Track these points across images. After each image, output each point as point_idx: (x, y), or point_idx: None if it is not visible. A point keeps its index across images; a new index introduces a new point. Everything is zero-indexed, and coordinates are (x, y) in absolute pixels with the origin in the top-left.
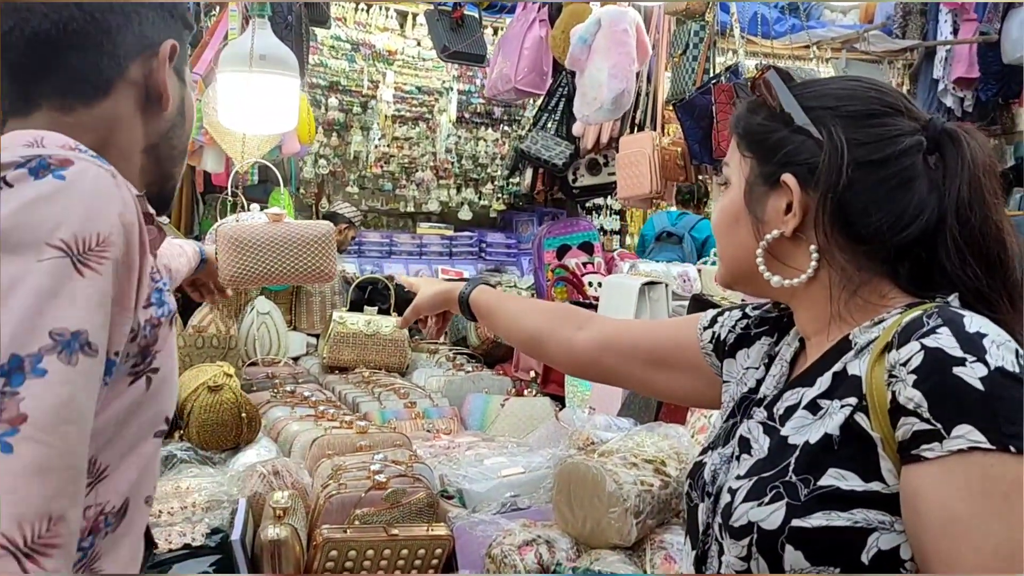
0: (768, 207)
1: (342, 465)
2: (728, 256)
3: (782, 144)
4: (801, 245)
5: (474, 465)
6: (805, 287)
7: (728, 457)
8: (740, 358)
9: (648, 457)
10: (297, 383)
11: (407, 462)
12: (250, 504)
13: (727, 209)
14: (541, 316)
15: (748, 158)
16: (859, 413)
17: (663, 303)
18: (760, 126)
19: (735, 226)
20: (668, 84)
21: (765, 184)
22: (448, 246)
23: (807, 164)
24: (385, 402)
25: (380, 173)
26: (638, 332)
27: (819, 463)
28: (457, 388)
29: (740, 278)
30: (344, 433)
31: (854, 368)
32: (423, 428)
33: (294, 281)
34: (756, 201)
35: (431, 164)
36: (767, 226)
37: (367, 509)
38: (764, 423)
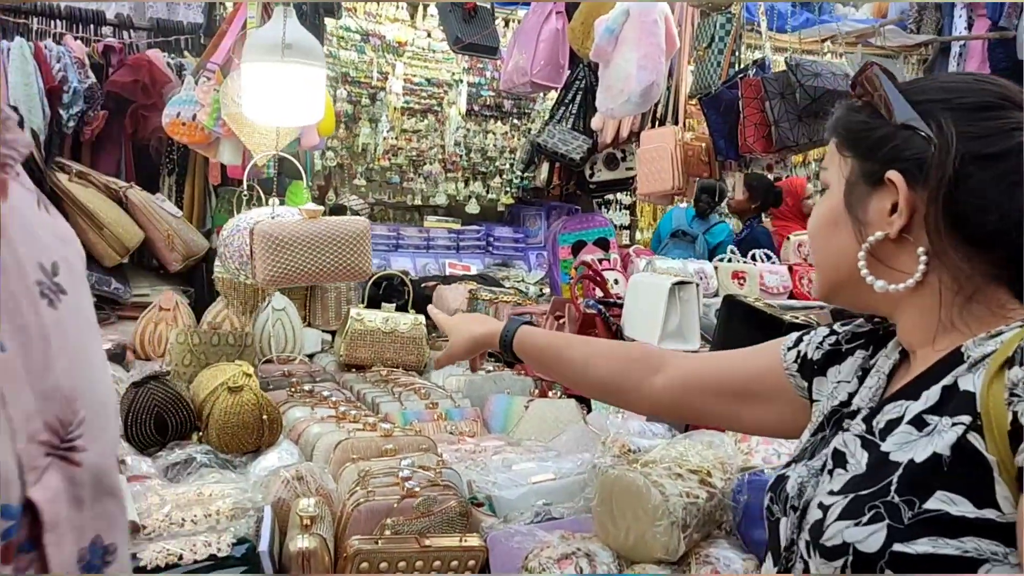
0: (871, 208)
1: (369, 471)
2: (827, 264)
3: (886, 140)
4: (907, 248)
5: (502, 471)
6: (911, 293)
7: (817, 470)
8: (831, 375)
9: (693, 467)
10: (315, 382)
11: (436, 467)
12: (274, 511)
13: (825, 214)
14: (612, 363)
15: (848, 158)
16: (973, 433)
17: (694, 303)
18: (862, 124)
19: (834, 231)
20: (691, 78)
21: (867, 183)
22: (455, 240)
23: (914, 160)
24: (406, 402)
25: (388, 166)
26: (716, 366)
27: (926, 484)
28: (478, 388)
29: (840, 288)
30: (368, 436)
31: (967, 383)
32: (446, 430)
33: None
34: (857, 202)
35: (439, 157)
36: (870, 228)
37: (398, 518)
38: (862, 436)
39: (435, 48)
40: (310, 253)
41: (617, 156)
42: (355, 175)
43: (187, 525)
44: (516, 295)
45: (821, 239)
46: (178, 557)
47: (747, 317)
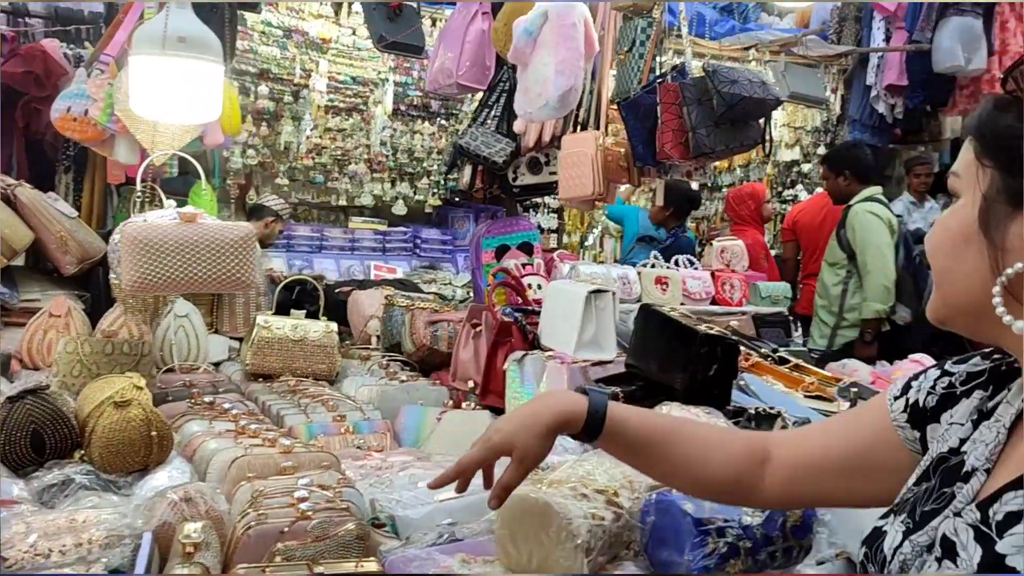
0: (1011, 232)
1: (263, 491)
2: (950, 288)
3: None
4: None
5: (408, 488)
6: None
7: (923, 549)
8: (944, 419)
9: (600, 487)
10: (217, 393)
11: (336, 486)
12: (157, 537)
13: (954, 229)
14: (718, 465)
15: (989, 168)
16: None
17: (610, 312)
18: (1011, 129)
19: (964, 250)
20: (613, 82)
21: (1010, 203)
22: (381, 242)
23: None
24: (312, 415)
25: (311, 165)
26: (823, 444)
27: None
28: (390, 399)
29: (961, 314)
30: (266, 453)
31: None
32: (353, 444)
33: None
34: (996, 223)
35: (365, 157)
36: (1008, 256)
37: (290, 543)
38: (976, 527)
39: (360, 46)
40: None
41: (540, 160)
42: (277, 174)
43: (54, 556)
44: (434, 301)
45: (946, 257)
46: None
47: (663, 326)
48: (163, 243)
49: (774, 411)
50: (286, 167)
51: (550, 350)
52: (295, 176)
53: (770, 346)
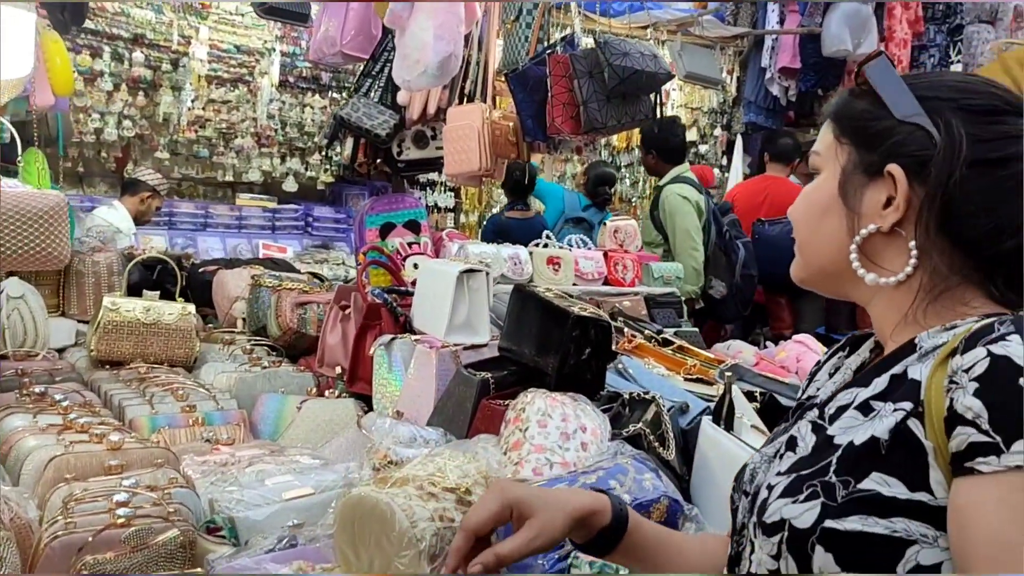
0: (865, 199)
1: (77, 495)
2: (812, 250)
3: (889, 133)
4: (895, 242)
5: (254, 486)
6: (888, 287)
7: (770, 456)
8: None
9: (450, 485)
10: (53, 382)
11: (166, 486)
12: None
13: (815, 199)
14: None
15: (846, 145)
16: (913, 419)
17: (483, 293)
18: (865, 113)
19: (823, 218)
20: (500, 53)
21: (865, 174)
22: (271, 219)
23: (916, 157)
24: (158, 406)
25: (195, 138)
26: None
27: (862, 466)
28: (250, 387)
29: (821, 274)
30: (90, 450)
31: (915, 372)
32: (202, 437)
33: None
34: (853, 192)
35: (252, 130)
36: (863, 219)
37: (101, 555)
38: (814, 422)
39: (244, 12)
40: None
41: (427, 134)
42: (157, 147)
43: None
44: (306, 282)
45: (808, 226)
46: None
47: (537, 308)
48: None
49: (648, 396)
50: (166, 140)
51: (422, 334)
52: (177, 150)
53: (655, 327)
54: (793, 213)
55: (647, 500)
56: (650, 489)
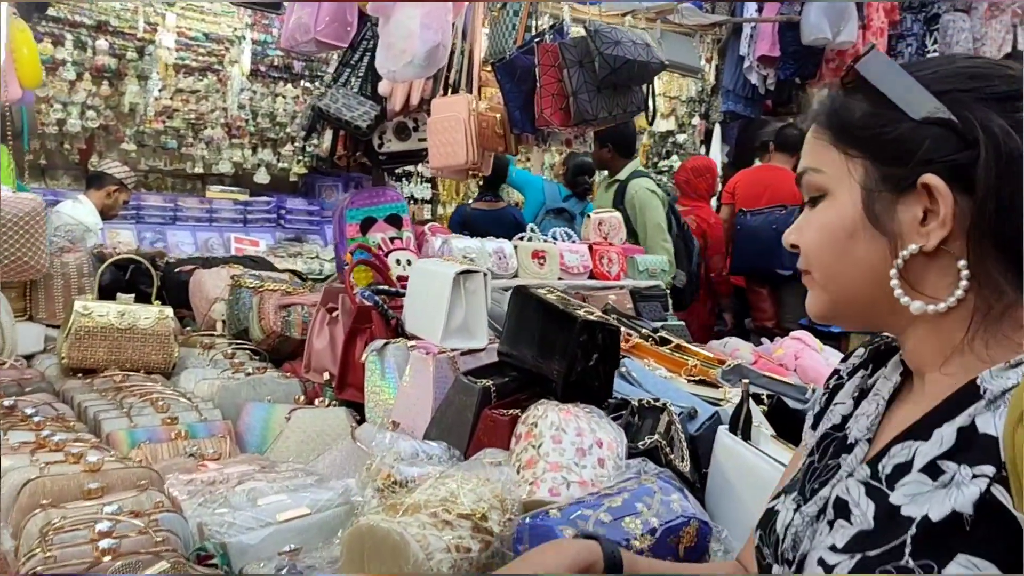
0: (899, 217)
1: (56, 523)
2: (840, 284)
3: (912, 139)
4: (937, 262)
5: (245, 507)
6: (936, 315)
7: (813, 518)
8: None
9: (465, 511)
10: (22, 393)
11: (151, 511)
12: None
13: (835, 226)
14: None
15: (859, 159)
16: (997, 486)
17: (481, 295)
18: (872, 118)
19: (850, 246)
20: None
21: (892, 189)
22: (242, 212)
23: (951, 161)
24: (137, 419)
25: (162, 129)
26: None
27: (945, 547)
28: (233, 395)
29: (851, 308)
30: (68, 472)
31: (987, 424)
32: (186, 452)
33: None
34: (883, 212)
35: (222, 121)
36: (902, 240)
37: None
38: (867, 483)
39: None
40: None
41: (408, 125)
42: (123, 138)
43: None
44: (288, 282)
45: (834, 254)
46: None
47: (539, 311)
48: None
49: (659, 403)
50: (133, 131)
51: (415, 338)
52: (144, 141)
53: (651, 325)
54: (808, 245)
55: (676, 523)
56: (678, 511)
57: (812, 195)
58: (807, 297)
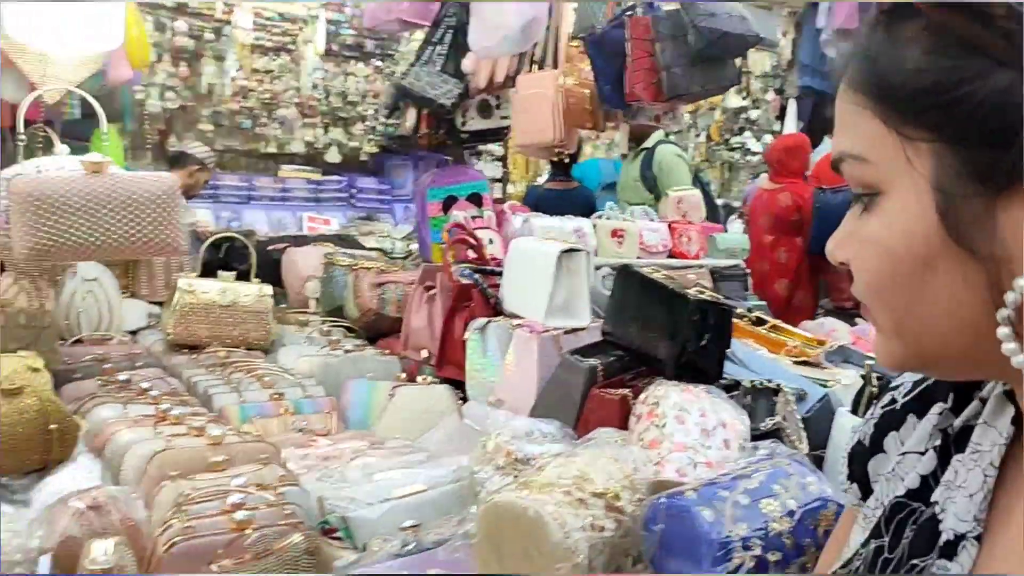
0: (1003, 229)
1: (189, 494)
2: (918, 327)
3: (1006, 100)
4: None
5: (362, 482)
6: None
7: None
8: (890, 446)
9: (598, 490)
10: (134, 368)
11: (276, 485)
12: (59, 558)
13: (897, 246)
14: None
15: (926, 143)
16: None
17: (583, 274)
18: (942, 71)
19: (927, 276)
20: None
21: (986, 189)
22: (315, 191)
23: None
24: (245, 393)
25: (238, 109)
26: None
27: None
28: (334, 372)
29: (941, 359)
30: (192, 444)
31: None
32: (294, 427)
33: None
34: (972, 221)
35: (295, 100)
36: (1009, 264)
37: (225, 562)
38: None
39: None
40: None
41: (491, 103)
42: (200, 119)
43: None
44: (380, 260)
45: (903, 292)
46: None
47: (648, 290)
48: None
49: (772, 384)
50: (210, 111)
51: (515, 316)
52: (220, 121)
53: (744, 305)
54: (862, 273)
55: (814, 506)
56: (816, 493)
57: (859, 191)
58: (875, 341)
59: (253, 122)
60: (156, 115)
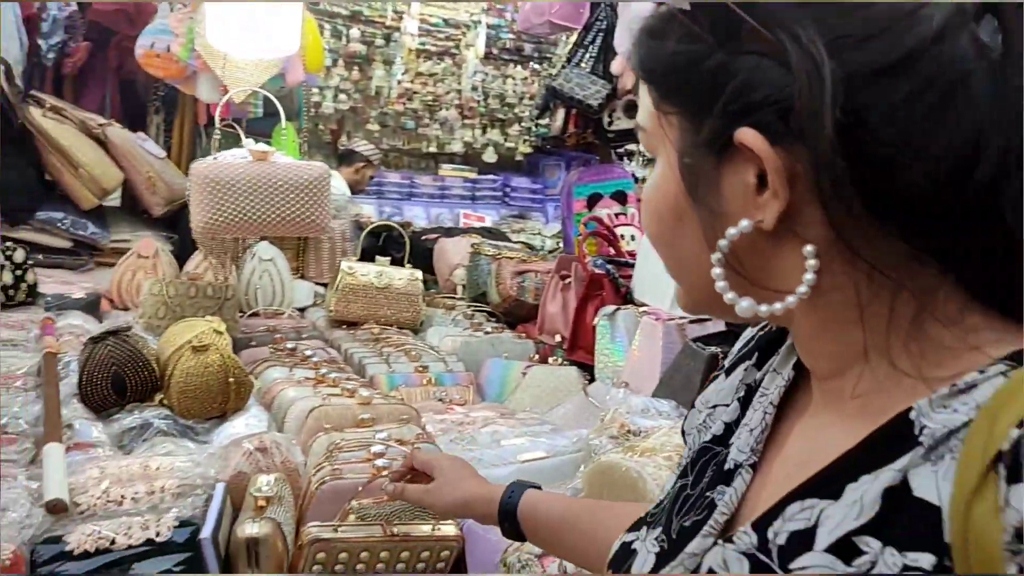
0: (725, 189)
1: (339, 443)
2: (680, 275)
3: (721, 78)
4: (789, 244)
5: (491, 446)
6: (813, 304)
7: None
8: (700, 403)
9: None
10: (300, 339)
11: (414, 441)
12: (231, 487)
13: (659, 204)
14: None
15: (672, 114)
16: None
17: None
18: (679, 56)
19: (678, 227)
20: None
21: (711, 152)
22: (471, 189)
23: (775, 103)
24: (394, 365)
25: (402, 110)
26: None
27: None
28: (475, 351)
29: (707, 304)
30: (344, 403)
31: (925, 487)
32: (435, 397)
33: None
34: (704, 182)
35: (456, 102)
36: (730, 219)
37: (364, 501)
38: (752, 556)
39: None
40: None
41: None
42: (368, 119)
43: (126, 503)
44: (522, 251)
45: (663, 238)
46: (110, 541)
47: None
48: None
49: None
50: (377, 112)
51: (644, 305)
52: (386, 122)
53: None
54: (644, 228)
55: None
56: None
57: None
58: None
59: (416, 123)
60: (329, 115)
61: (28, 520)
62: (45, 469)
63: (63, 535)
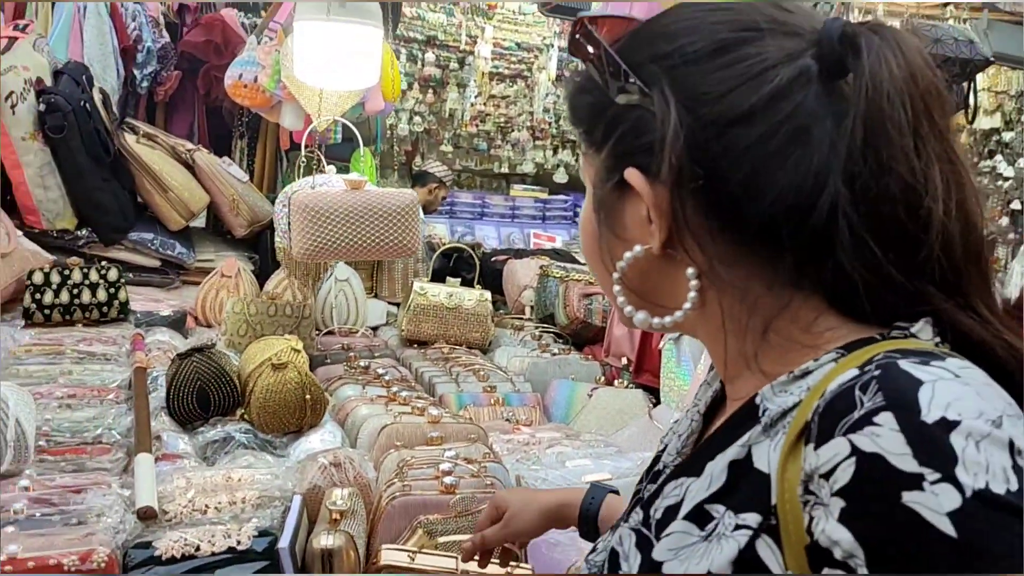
0: (627, 218)
1: (409, 461)
2: (603, 288)
3: (615, 124)
4: (674, 266)
5: (555, 467)
6: (699, 318)
7: (599, 567)
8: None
9: None
10: (373, 357)
11: (481, 460)
12: (306, 500)
13: (583, 225)
14: None
15: (586, 154)
16: (765, 537)
17: None
18: (593, 105)
19: (596, 248)
20: None
21: (613, 186)
22: (542, 210)
23: (652, 149)
24: (463, 384)
25: (475, 132)
26: None
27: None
28: (541, 372)
29: (618, 312)
30: (415, 422)
31: (761, 458)
32: (502, 416)
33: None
34: (610, 212)
35: (528, 124)
36: (627, 245)
37: (433, 516)
38: (638, 530)
39: (525, 11)
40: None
41: None
42: (442, 141)
43: (210, 512)
44: (589, 274)
45: (589, 258)
46: (195, 548)
47: None
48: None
49: None
50: (451, 134)
51: None
52: (459, 143)
53: None
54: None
55: None
56: None
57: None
58: None
59: (488, 144)
60: (404, 138)
61: (122, 525)
62: (136, 478)
63: (152, 541)
